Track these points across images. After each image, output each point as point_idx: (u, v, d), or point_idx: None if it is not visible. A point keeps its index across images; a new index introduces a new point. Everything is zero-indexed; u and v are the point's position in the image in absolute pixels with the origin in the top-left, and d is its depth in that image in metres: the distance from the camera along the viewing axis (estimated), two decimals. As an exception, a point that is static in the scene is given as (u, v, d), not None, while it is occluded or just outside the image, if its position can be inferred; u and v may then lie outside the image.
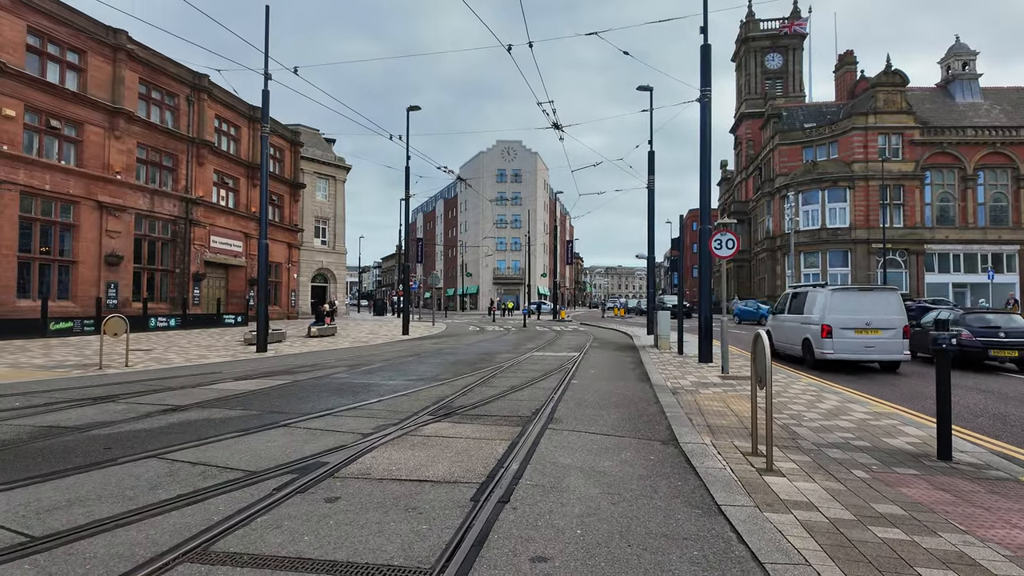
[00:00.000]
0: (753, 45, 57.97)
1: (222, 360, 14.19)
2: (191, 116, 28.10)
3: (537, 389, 9.32)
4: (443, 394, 8.70)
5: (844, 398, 8.65)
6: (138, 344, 17.88)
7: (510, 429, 6.29)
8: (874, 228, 40.14)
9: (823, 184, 41.75)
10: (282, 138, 36.83)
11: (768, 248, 47.01)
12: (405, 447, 5.47)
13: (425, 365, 12.98)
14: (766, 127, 49.64)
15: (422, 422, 6.60)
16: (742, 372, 11.68)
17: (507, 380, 10.38)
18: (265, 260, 16.75)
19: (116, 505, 3.84)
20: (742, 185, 58.90)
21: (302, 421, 6.63)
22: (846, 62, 50.44)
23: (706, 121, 13.87)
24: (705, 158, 13.77)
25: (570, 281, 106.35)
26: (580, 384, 10.03)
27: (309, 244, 45.03)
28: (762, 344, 5.01)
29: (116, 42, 23.79)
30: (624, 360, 14.61)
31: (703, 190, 13.72)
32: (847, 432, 6.37)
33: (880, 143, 41.07)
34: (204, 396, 8.37)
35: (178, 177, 27.49)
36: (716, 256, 11.76)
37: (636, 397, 8.76)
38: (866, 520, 3.74)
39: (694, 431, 6.25)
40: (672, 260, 18.16)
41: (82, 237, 22.69)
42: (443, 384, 9.82)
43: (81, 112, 22.54)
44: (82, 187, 22.59)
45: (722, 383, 10.15)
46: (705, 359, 13.41)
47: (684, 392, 9.01)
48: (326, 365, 13.00)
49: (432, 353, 16.24)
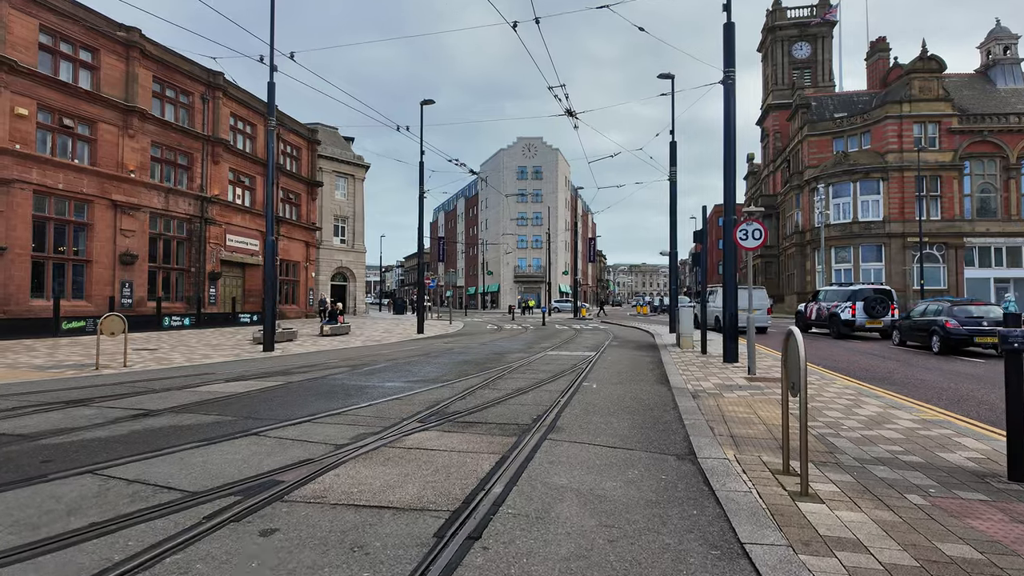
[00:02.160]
0: (780, 34, 56.16)
1: (225, 360, 13.74)
2: (206, 114, 27.93)
3: (544, 392, 8.57)
4: (440, 397, 8.01)
5: (887, 403, 7.73)
6: (146, 344, 17.61)
7: (503, 440, 5.56)
8: (910, 221, 38.37)
9: (855, 176, 40.06)
10: (299, 136, 36.62)
11: (797, 243, 45.40)
12: (377, 462, 4.78)
13: (431, 365, 12.33)
14: (794, 118, 47.97)
15: (407, 431, 5.91)
16: (771, 373, 10.77)
17: (513, 382, 9.65)
18: (272, 257, 16.30)
19: (12, 536, 3.22)
20: (769, 179, 57.17)
21: (275, 429, 5.99)
22: (878, 49, 48.43)
23: (730, 104, 12.96)
24: (729, 145, 12.85)
25: (592, 279, 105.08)
26: (591, 387, 9.26)
27: (328, 243, 44.89)
28: (795, 342, 4.20)
29: (129, 39, 23.65)
30: (643, 360, 13.77)
31: (727, 179, 12.80)
32: (894, 444, 5.50)
33: (916, 132, 39.23)
34: (185, 399, 7.82)
35: (193, 176, 27.34)
36: (742, 247, 10.85)
37: (652, 402, 7.96)
38: (932, 568, 2.93)
39: (715, 443, 5.45)
40: (695, 255, 17.22)
41: (96, 236, 22.59)
42: (444, 386, 9.14)
43: (94, 111, 22.43)
44: (96, 186, 22.49)
45: (748, 385, 9.27)
46: (730, 359, 12.51)
47: (706, 396, 8.18)
48: (328, 365, 12.43)
49: (441, 352, 15.59)
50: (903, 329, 18.29)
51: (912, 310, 18.62)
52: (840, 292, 22.89)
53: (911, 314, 18.09)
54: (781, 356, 4.53)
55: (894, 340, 18.88)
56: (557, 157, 76.08)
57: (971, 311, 15.67)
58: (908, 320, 17.98)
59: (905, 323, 18.23)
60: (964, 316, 15.47)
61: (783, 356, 4.49)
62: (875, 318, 21.21)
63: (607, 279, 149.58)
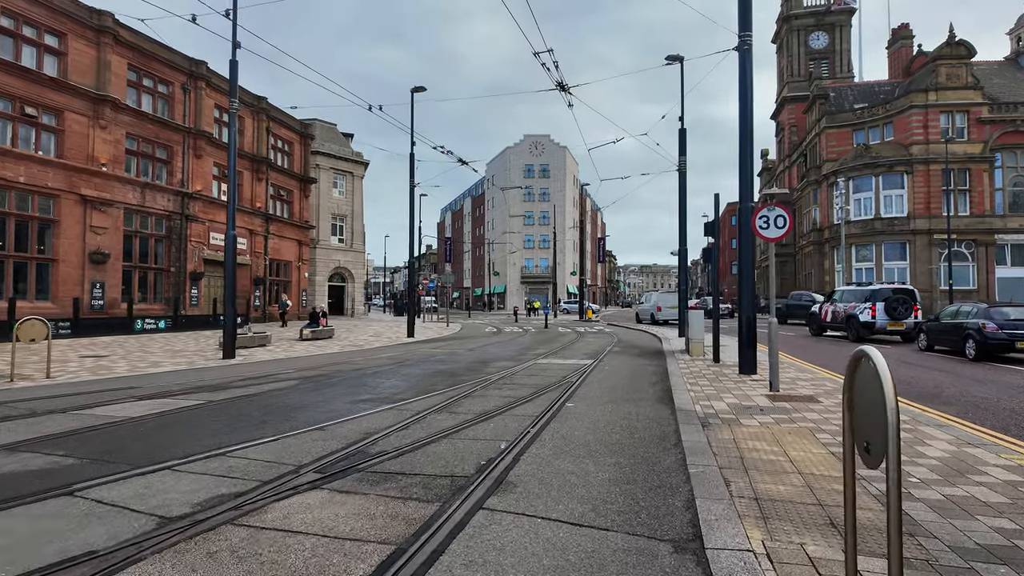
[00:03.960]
0: (795, 24, 53.85)
1: (174, 369, 12.14)
2: (187, 105, 26.44)
3: (512, 418, 6.79)
4: (377, 427, 6.27)
5: (956, 436, 5.85)
6: (100, 350, 16.05)
7: (417, 512, 3.78)
8: (936, 217, 36.06)
9: (877, 169, 37.81)
10: (291, 130, 35.11)
11: (815, 241, 43.18)
12: (189, 562, 3.04)
13: (396, 378, 10.60)
14: (811, 110, 45.74)
15: (288, 489, 4.16)
16: (797, 389, 8.92)
17: (482, 402, 7.89)
18: (233, 254, 14.66)
19: None
20: (785, 174, 54.89)
21: (112, 483, 4.29)
22: (900, 37, 46.04)
23: (746, 72, 11.13)
24: (746, 118, 11.03)
25: (602, 280, 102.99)
26: (577, 408, 7.48)
27: (325, 242, 43.44)
28: (872, 371, 2.38)
29: (100, 24, 22.19)
30: (645, 370, 11.94)
31: (743, 157, 10.96)
32: (999, 515, 3.68)
33: (942, 122, 36.90)
34: (52, 428, 6.15)
35: (173, 170, 25.86)
36: (762, 237, 9.01)
37: (648, 433, 6.16)
38: None
39: (732, 513, 3.66)
40: (707, 250, 15.39)
41: (63, 234, 21.13)
42: (392, 408, 7.40)
43: (61, 99, 20.98)
44: (63, 180, 21.04)
45: (772, 407, 7.45)
46: (747, 370, 10.67)
47: (719, 424, 6.37)
48: (278, 377, 10.74)
49: (420, 360, 13.87)
50: (931, 332, 16.66)
51: (941, 312, 17.11)
52: (858, 292, 21.34)
53: (940, 316, 16.62)
54: (844, 390, 2.71)
55: (920, 344, 17.19)
56: (565, 155, 74.22)
57: (1008, 313, 14.25)
58: (937, 323, 16.42)
59: (934, 326, 16.61)
60: (1003, 319, 14.03)
61: (846, 394, 2.67)
62: (897, 320, 19.64)
63: (617, 280, 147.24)
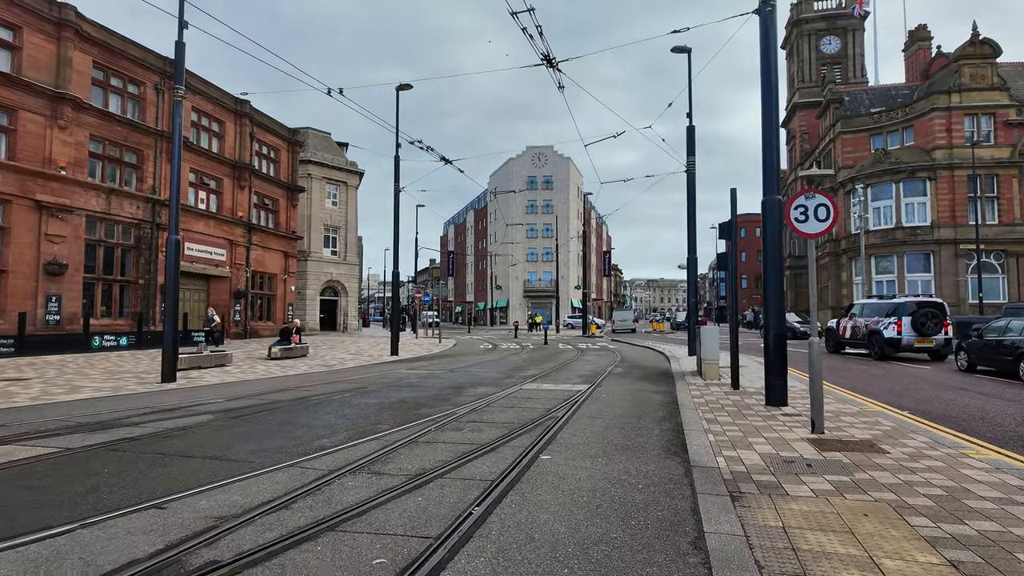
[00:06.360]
0: (806, 28, 52.05)
1: (89, 397, 10.14)
2: (160, 107, 24.75)
3: (454, 486, 4.70)
4: (245, 503, 4.21)
5: None
6: (29, 371, 14.05)
7: None
8: (962, 226, 33.79)
9: (897, 175, 35.62)
10: (278, 136, 33.40)
11: (831, 252, 40.89)
12: None
13: (340, 412, 8.52)
14: (824, 115, 43.71)
15: None
16: (846, 429, 6.78)
17: (425, 453, 5.81)
18: (175, 261, 12.74)
19: None
20: (796, 183, 52.77)
21: None
22: (918, 38, 44.07)
23: (769, 40, 9.26)
24: (769, 95, 9.13)
25: (607, 294, 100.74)
26: (554, 465, 5.39)
27: (317, 255, 41.65)
28: None
29: (61, 18, 20.54)
30: (650, 400, 9.81)
31: (767, 138, 8.99)
32: None
33: (967, 126, 34.76)
34: None
35: (143, 175, 24.09)
36: (799, 232, 6.95)
37: (653, 515, 4.05)
38: None
39: None
40: (721, 255, 13.27)
41: (14, 242, 19.29)
42: (295, 465, 5.34)
43: (14, 96, 19.26)
44: (15, 183, 19.25)
45: (822, 460, 5.32)
46: (776, 400, 8.56)
47: (755, 494, 4.26)
48: (198, 409, 8.71)
49: (385, 386, 11.80)
50: (973, 350, 14.74)
51: (985, 328, 15.18)
52: (880, 306, 19.50)
53: (984, 332, 14.83)
54: None
55: (959, 364, 15.23)
56: (568, 166, 72.45)
57: None
58: (981, 340, 14.63)
59: (977, 343, 14.70)
60: None
61: None
62: (926, 336, 17.76)
63: (624, 294, 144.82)
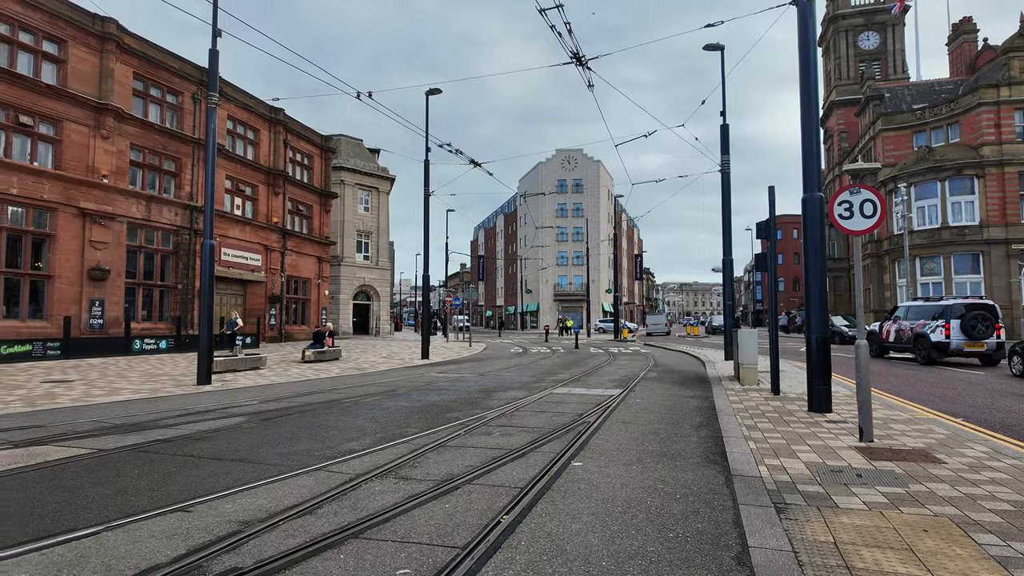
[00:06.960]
0: (843, 24, 50.68)
1: (128, 399, 10.34)
2: (198, 116, 25.38)
3: (483, 492, 4.55)
4: (270, 507, 4.13)
5: None
6: (74, 373, 14.47)
7: None
8: (1014, 225, 32.32)
9: (943, 173, 34.28)
10: (311, 143, 33.96)
11: (873, 254, 39.57)
12: None
13: (370, 414, 8.47)
14: (863, 113, 42.41)
15: None
16: (897, 437, 6.40)
17: (453, 458, 5.68)
18: (209, 266, 12.98)
19: None
20: (835, 183, 51.30)
21: None
22: (963, 31, 42.42)
23: (808, 29, 8.89)
24: (808, 87, 8.75)
25: (639, 297, 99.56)
26: (586, 472, 5.19)
27: (350, 260, 42.16)
28: None
29: (103, 31, 21.25)
30: (686, 405, 9.51)
31: (806, 134, 8.62)
32: None
33: (1017, 120, 33.25)
34: None
35: (182, 183, 24.72)
36: (843, 229, 6.61)
37: (693, 527, 3.82)
38: None
39: None
40: (759, 256, 12.91)
41: (60, 248, 19.96)
42: (323, 468, 5.26)
43: (59, 108, 19.97)
44: (60, 192, 19.94)
45: (872, 470, 5.00)
46: (820, 407, 8.18)
47: (799, 504, 3.99)
48: (232, 411, 8.77)
49: (416, 389, 11.75)
50: None
51: None
52: (927, 308, 18.66)
53: None
54: None
55: (1014, 370, 14.29)
56: (598, 169, 71.91)
57: None
58: None
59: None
60: None
61: None
62: (976, 340, 16.83)
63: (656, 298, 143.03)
